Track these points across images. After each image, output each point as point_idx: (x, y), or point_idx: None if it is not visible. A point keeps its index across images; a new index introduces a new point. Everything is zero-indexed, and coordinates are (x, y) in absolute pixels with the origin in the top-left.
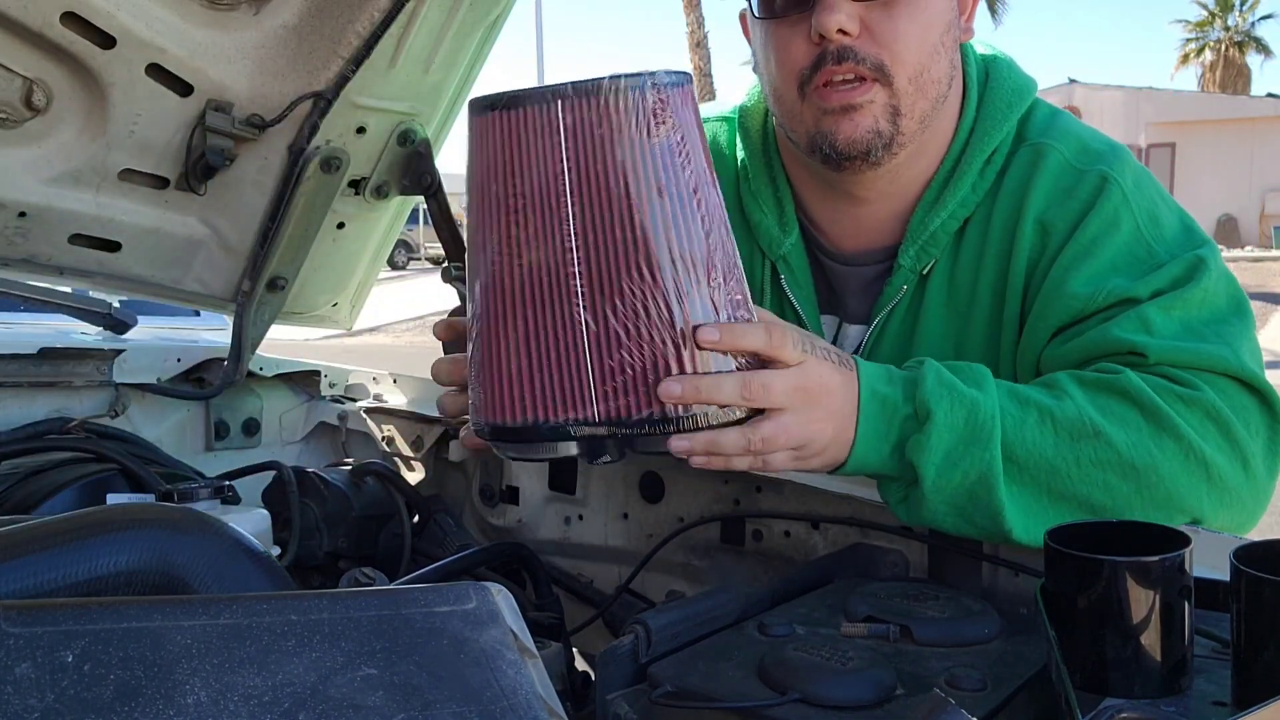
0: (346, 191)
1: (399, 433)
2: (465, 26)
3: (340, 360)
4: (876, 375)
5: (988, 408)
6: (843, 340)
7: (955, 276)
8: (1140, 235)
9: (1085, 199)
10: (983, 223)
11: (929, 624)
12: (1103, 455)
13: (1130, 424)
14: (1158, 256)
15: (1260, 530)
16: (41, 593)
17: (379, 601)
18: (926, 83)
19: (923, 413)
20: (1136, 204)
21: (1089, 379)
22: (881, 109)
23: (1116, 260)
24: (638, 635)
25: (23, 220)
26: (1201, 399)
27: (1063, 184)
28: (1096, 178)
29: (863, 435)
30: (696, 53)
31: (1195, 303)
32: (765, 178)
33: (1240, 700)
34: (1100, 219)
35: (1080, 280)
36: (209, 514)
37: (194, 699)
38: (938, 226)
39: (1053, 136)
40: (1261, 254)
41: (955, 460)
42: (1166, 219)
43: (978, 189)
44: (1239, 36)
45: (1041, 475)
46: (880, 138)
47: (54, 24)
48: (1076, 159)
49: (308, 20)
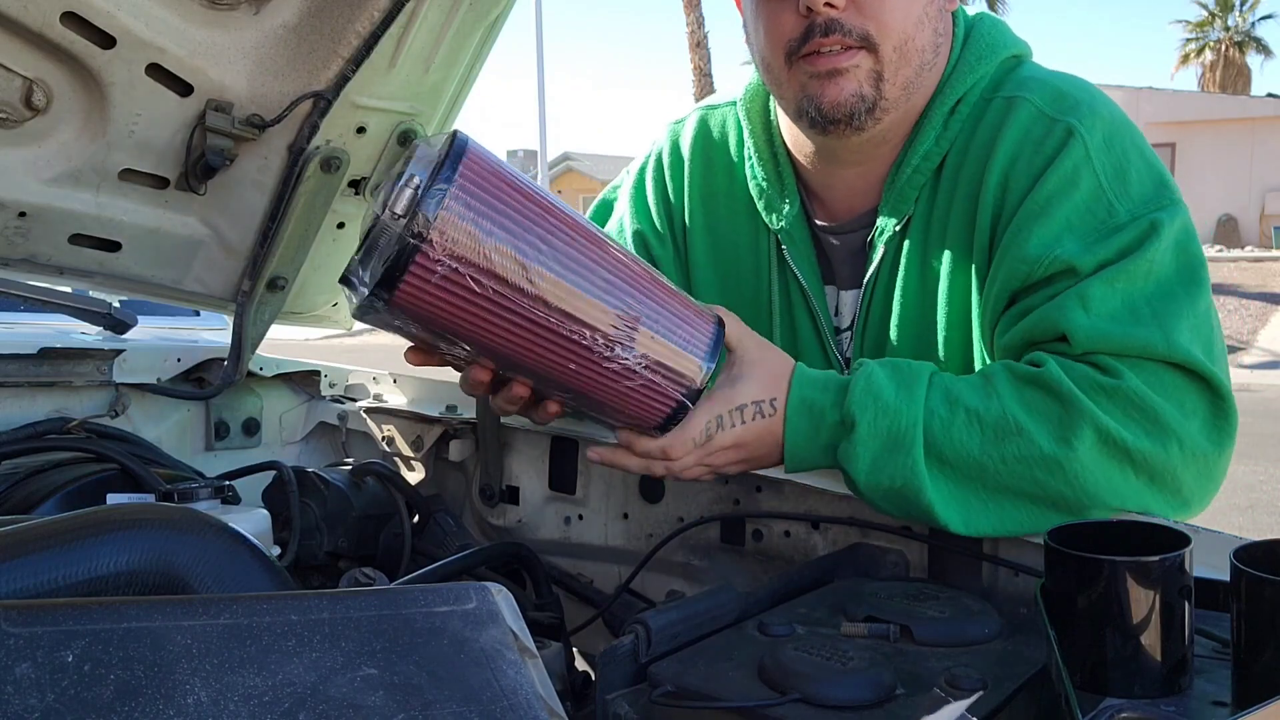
0: (346, 191)
1: (399, 433)
2: (465, 26)
3: (340, 360)
4: (808, 382)
5: (909, 416)
6: (841, 308)
7: (929, 230)
8: (1101, 193)
9: (1048, 153)
10: (952, 176)
11: (929, 624)
12: (1025, 451)
13: (1051, 418)
14: (1118, 216)
15: (1260, 530)
16: (41, 593)
17: (379, 601)
18: (910, 51)
19: (848, 421)
20: (1100, 160)
21: (1019, 373)
22: (866, 74)
23: (1072, 219)
24: (638, 635)
25: (23, 220)
26: (1122, 387)
27: (1033, 134)
28: (1063, 131)
29: (790, 438)
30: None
31: (1140, 275)
32: (768, 154)
33: (1240, 700)
34: (1058, 175)
35: (1033, 241)
36: (209, 514)
37: (194, 699)
38: (904, 181)
39: (1028, 88)
40: (1261, 254)
41: (880, 466)
42: (1136, 176)
43: (941, 140)
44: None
45: (971, 472)
46: (863, 101)
47: (54, 24)
48: (1049, 106)
49: (308, 20)
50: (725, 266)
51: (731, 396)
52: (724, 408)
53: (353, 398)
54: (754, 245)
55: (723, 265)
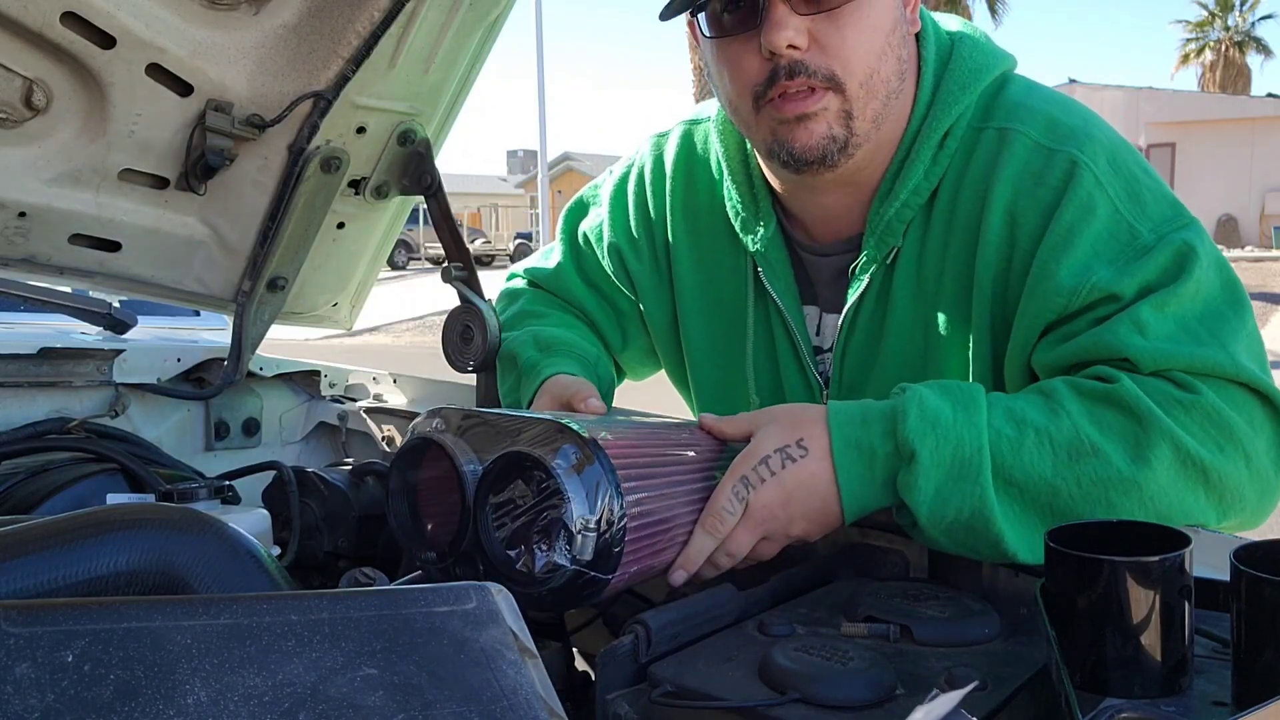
0: (346, 191)
1: (399, 433)
2: (465, 26)
3: (340, 360)
4: (846, 421)
5: (973, 441)
6: (824, 329)
7: (922, 262)
8: (1119, 217)
9: (1055, 186)
10: (947, 209)
11: (929, 624)
12: (1103, 473)
13: (1128, 437)
14: (1141, 238)
15: (1260, 530)
16: (41, 593)
17: (379, 601)
18: (876, 84)
19: (906, 451)
20: (1111, 185)
21: (1085, 389)
22: (835, 115)
23: (1097, 246)
24: (638, 635)
25: (23, 220)
26: (1201, 402)
27: (1031, 169)
28: (1066, 162)
29: (844, 484)
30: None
31: (1188, 297)
32: (742, 175)
33: (1240, 700)
34: (1074, 206)
35: (1063, 272)
36: (209, 514)
37: (194, 699)
38: (892, 215)
39: (1019, 119)
40: (1261, 254)
41: (946, 497)
42: (1150, 196)
43: (931, 175)
44: (1239, 36)
45: (1043, 496)
46: (835, 142)
47: (54, 24)
48: (1045, 138)
49: (308, 20)
50: (708, 284)
51: (751, 454)
52: (746, 467)
53: (353, 398)
54: (734, 265)
55: (706, 283)
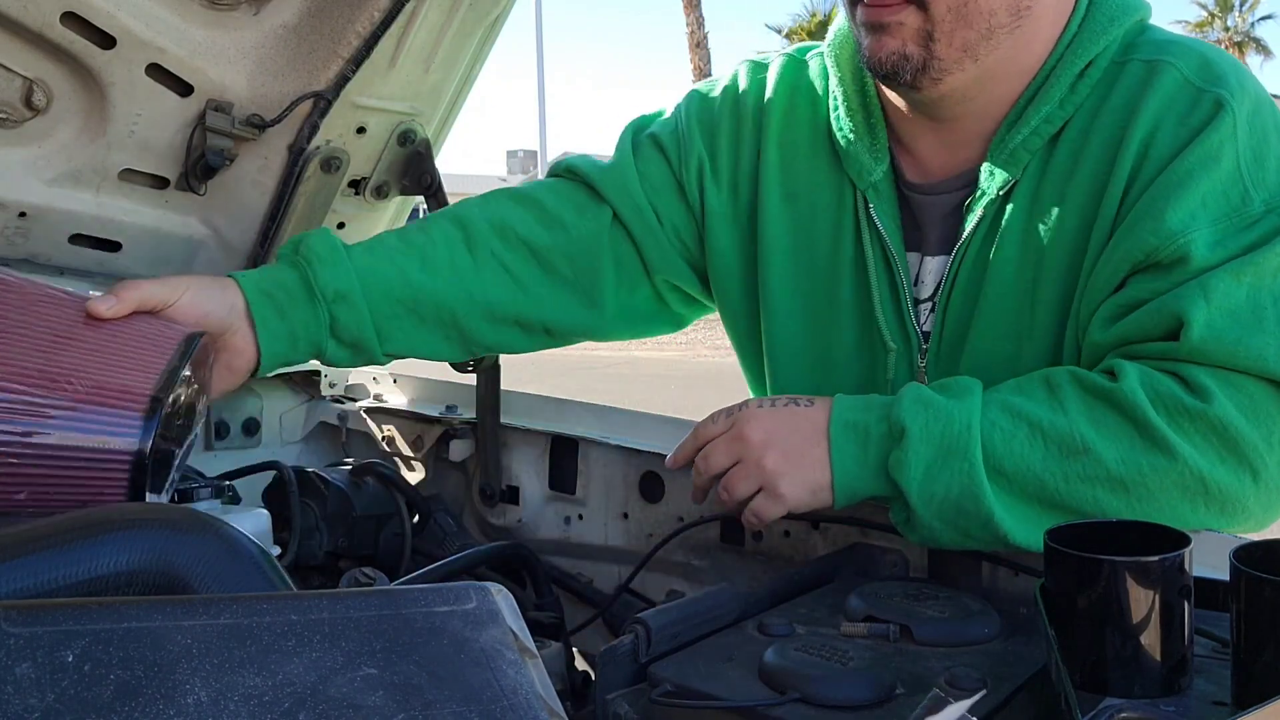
0: (346, 191)
1: (399, 433)
2: (465, 26)
3: None
4: (849, 405)
5: (963, 417)
6: (923, 275)
7: (1039, 199)
8: (1239, 175)
9: (1195, 125)
10: (1076, 141)
11: (929, 624)
12: (1091, 471)
13: (1122, 440)
14: (1252, 206)
15: (1261, 530)
16: (41, 593)
17: (379, 601)
18: (971, 13)
19: (897, 429)
20: (1244, 139)
21: (1089, 385)
22: (912, 33)
23: (1208, 199)
24: (638, 635)
25: (23, 220)
26: (1209, 413)
27: (1178, 104)
28: (1211, 104)
29: (838, 461)
30: (696, 53)
31: (1270, 270)
32: (858, 103)
33: (1240, 700)
34: (1202, 149)
35: (1169, 214)
36: (209, 514)
37: (194, 699)
38: (1018, 143)
39: (1170, 53)
40: None
41: (936, 473)
42: (1275, 162)
43: (1066, 104)
44: (1239, 37)
45: (1030, 487)
46: (907, 60)
47: (54, 24)
48: (1197, 76)
49: (308, 20)
50: (801, 224)
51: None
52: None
53: (353, 398)
54: (836, 202)
55: (795, 223)
